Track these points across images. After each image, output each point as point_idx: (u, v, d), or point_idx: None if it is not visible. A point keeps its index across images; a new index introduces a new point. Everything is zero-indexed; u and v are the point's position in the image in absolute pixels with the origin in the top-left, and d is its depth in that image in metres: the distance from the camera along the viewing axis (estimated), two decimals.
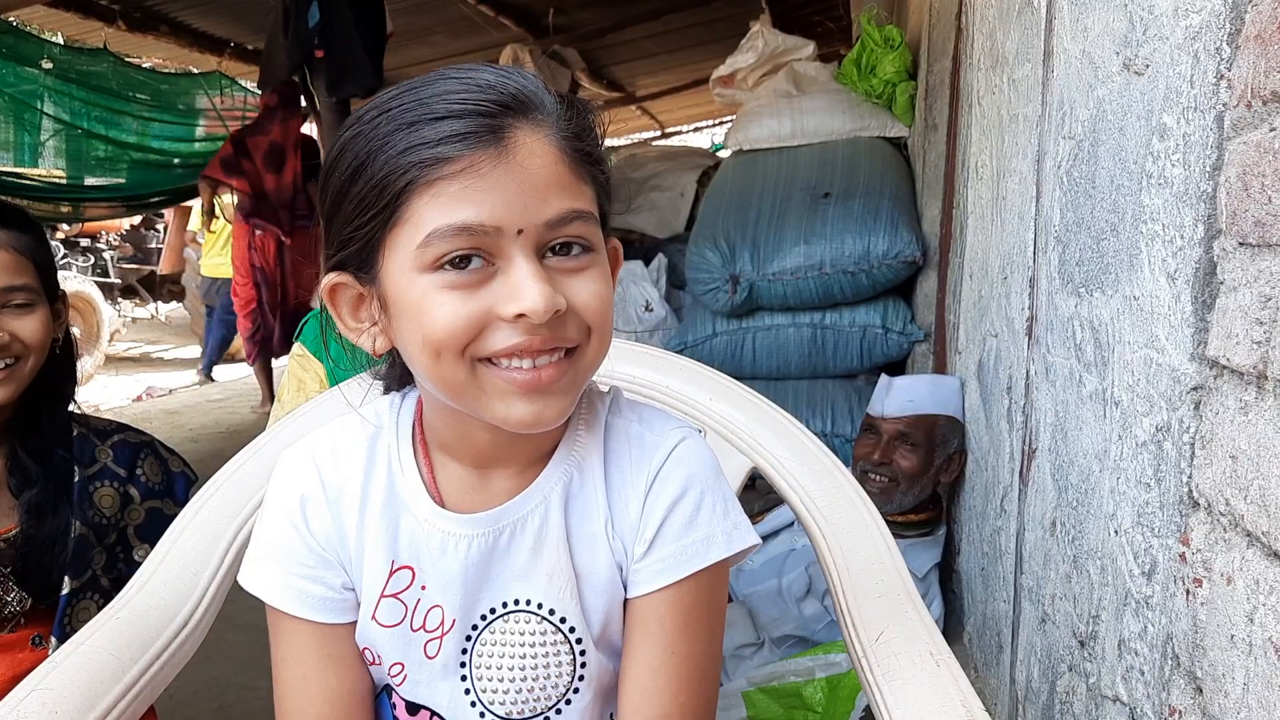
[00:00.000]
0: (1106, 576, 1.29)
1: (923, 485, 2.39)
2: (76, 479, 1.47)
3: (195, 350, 9.46)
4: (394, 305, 0.80)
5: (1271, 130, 0.84)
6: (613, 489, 0.91)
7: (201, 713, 2.62)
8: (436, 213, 0.75)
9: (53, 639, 1.42)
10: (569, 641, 0.91)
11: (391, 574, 0.90)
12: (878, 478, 2.41)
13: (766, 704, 2.08)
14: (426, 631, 0.90)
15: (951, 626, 2.44)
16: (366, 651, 0.92)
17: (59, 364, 1.52)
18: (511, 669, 0.91)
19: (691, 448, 0.91)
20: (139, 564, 1.47)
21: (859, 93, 3.92)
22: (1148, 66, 1.15)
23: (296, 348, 1.77)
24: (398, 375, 0.96)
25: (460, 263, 0.75)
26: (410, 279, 0.77)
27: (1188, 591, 1.02)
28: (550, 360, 0.78)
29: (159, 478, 1.55)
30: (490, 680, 0.91)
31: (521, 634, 0.90)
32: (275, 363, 6.04)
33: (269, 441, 1.26)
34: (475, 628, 0.90)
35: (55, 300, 1.49)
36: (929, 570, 2.42)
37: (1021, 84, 1.83)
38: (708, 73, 4.78)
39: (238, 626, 3.03)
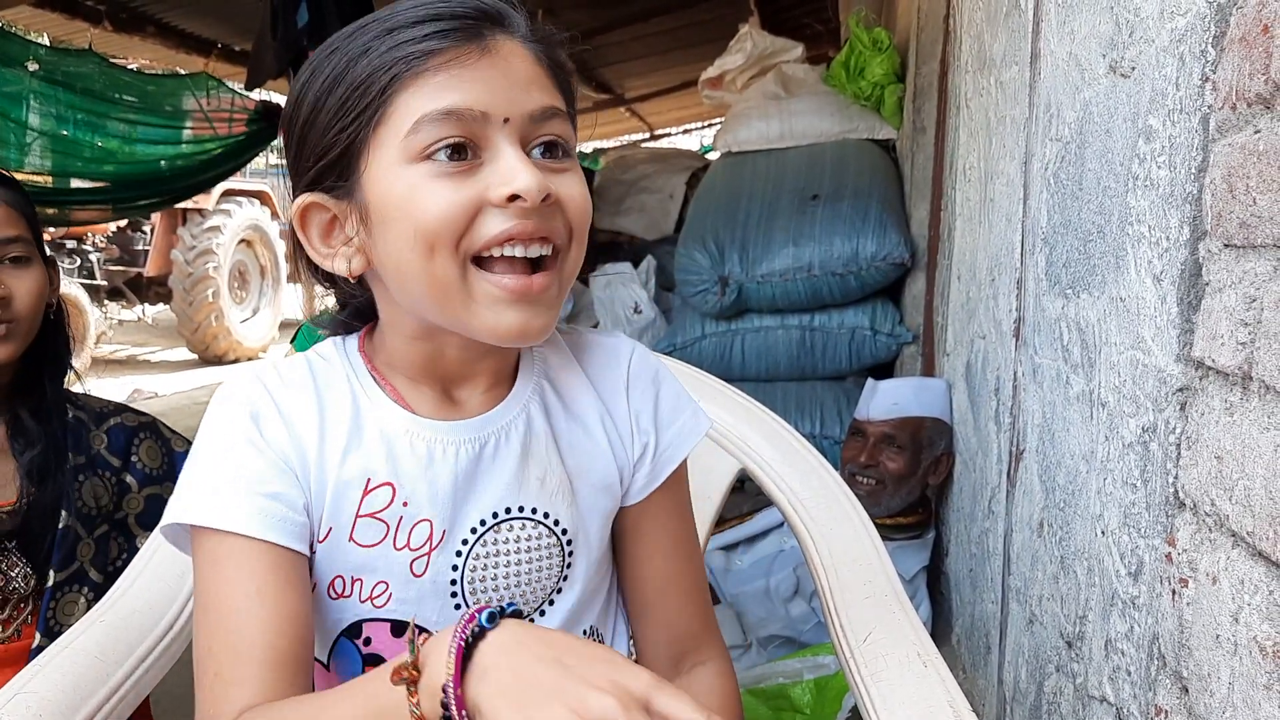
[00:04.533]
0: (1093, 577, 1.29)
1: (910, 487, 2.40)
2: (68, 464, 1.44)
3: (183, 353, 9.44)
4: (379, 208, 0.79)
5: (1256, 132, 0.84)
6: (599, 386, 0.96)
7: (188, 718, 2.60)
8: (424, 100, 0.77)
9: (38, 634, 1.40)
10: (560, 543, 0.92)
11: (367, 493, 0.86)
12: (865, 480, 2.41)
13: (754, 705, 2.08)
14: (411, 550, 0.87)
15: (940, 628, 2.45)
16: (338, 580, 0.88)
17: (55, 330, 1.50)
18: (505, 575, 0.90)
19: (642, 348, 1.00)
20: None
21: (847, 95, 3.93)
22: (1134, 69, 1.16)
23: (289, 352, 1.79)
24: (347, 317, 0.95)
25: (451, 153, 0.77)
26: (397, 173, 0.78)
27: (1174, 592, 1.02)
28: (542, 251, 0.80)
29: (158, 461, 1.53)
30: (484, 591, 0.90)
31: (516, 540, 0.90)
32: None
33: None
34: (465, 543, 0.89)
35: (48, 264, 1.48)
36: (916, 573, 2.42)
37: (1009, 86, 1.84)
38: (696, 74, 4.79)
39: None
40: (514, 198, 0.77)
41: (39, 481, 1.40)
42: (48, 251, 1.50)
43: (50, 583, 1.40)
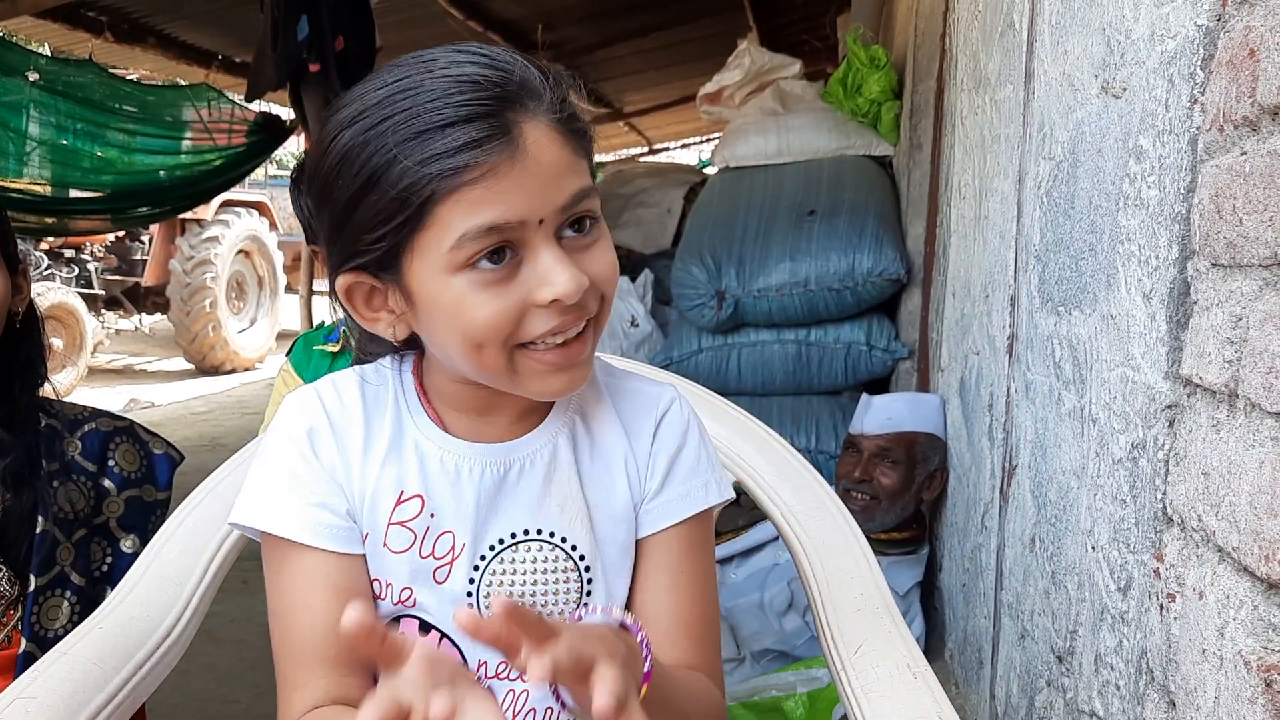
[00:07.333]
0: (1084, 592, 1.30)
1: (904, 503, 2.41)
2: (42, 471, 1.44)
3: (180, 362, 9.44)
4: (425, 304, 0.84)
5: (1242, 154, 0.86)
6: (629, 427, 1.00)
7: None
8: (462, 217, 0.79)
9: (24, 639, 1.40)
10: (578, 569, 0.96)
11: (399, 503, 0.93)
12: (859, 496, 2.42)
13: (747, 718, 2.09)
14: (436, 559, 0.93)
15: (933, 643, 2.45)
16: (375, 583, 0.94)
17: (26, 338, 1.47)
18: (521, 592, 0.94)
19: (681, 401, 1.04)
20: (127, 554, 1.45)
21: (844, 111, 3.95)
22: (1125, 90, 1.18)
23: (284, 364, 1.80)
24: (390, 347, 0.99)
25: (492, 257, 0.81)
26: (443, 281, 0.82)
27: (1161, 607, 1.03)
28: (578, 331, 0.85)
29: (135, 464, 1.52)
30: None
31: (533, 560, 0.95)
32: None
33: (253, 454, 1.26)
34: (484, 557, 0.94)
35: (15, 273, 1.43)
36: (911, 588, 2.43)
37: (1003, 105, 1.85)
38: (695, 89, 4.81)
39: (219, 640, 3.03)
40: (555, 300, 0.82)
41: (14, 489, 1.41)
42: (22, 259, 1.47)
43: (32, 587, 1.40)
